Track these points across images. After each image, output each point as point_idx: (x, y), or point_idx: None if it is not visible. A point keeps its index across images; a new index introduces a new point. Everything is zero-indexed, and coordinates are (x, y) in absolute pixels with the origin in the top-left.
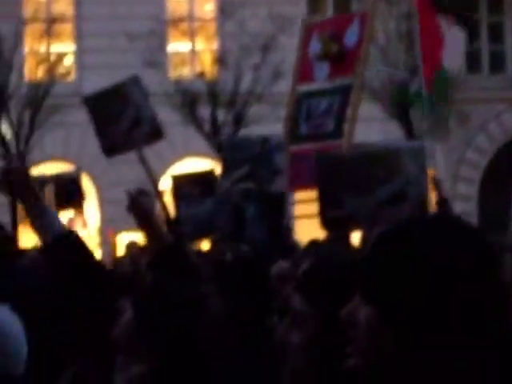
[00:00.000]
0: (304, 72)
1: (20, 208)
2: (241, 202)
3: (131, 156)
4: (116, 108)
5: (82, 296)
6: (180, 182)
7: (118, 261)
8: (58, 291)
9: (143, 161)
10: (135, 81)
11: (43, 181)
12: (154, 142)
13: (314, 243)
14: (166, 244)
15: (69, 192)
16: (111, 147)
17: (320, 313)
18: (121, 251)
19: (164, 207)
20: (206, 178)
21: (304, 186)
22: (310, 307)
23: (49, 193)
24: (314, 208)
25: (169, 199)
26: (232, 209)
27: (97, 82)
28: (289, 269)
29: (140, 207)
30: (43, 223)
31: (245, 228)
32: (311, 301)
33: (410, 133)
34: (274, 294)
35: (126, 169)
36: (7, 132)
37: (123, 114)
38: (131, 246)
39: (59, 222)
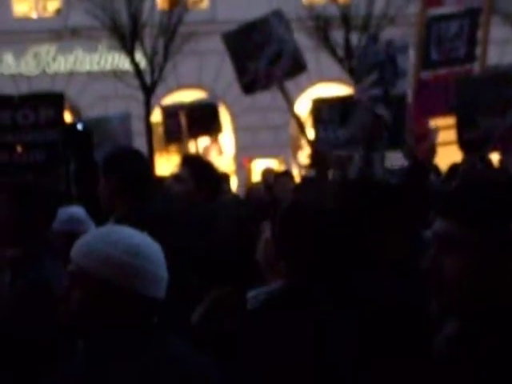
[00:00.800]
0: None
1: (156, 136)
2: (372, 108)
3: None
4: (257, 43)
5: (224, 224)
6: (320, 106)
7: (253, 187)
8: (201, 219)
9: (282, 88)
10: (278, 14)
11: (179, 108)
12: (295, 75)
13: (455, 167)
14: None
15: (206, 120)
16: (251, 84)
17: (480, 236)
18: (256, 177)
19: (303, 130)
20: (345, 103)
21: (441, 113)
22: (464, 232)
23: (184, 120)
24: (451, 135)
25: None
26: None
27: (229, 9)
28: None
29: None
30: None
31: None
32: (465, 224)
33: None
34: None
35: (260, 95)
36: (141, 61)
37: (265, 48)
38: (266, 173)
39: None
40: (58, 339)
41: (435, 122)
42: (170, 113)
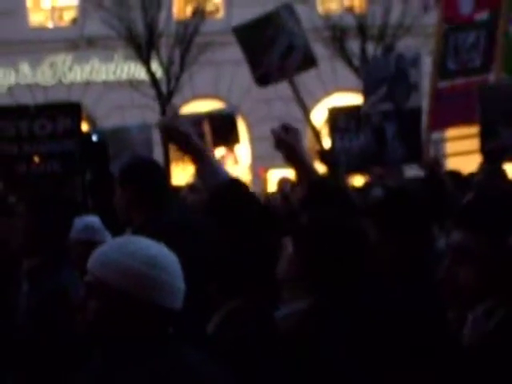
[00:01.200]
0: (449, 6)
1: (172, 147)
2: (381, 123)
3: (280, 92)
4: (268, 37)
5: (245, 237)
6: (336, 115)
7: (269, 197)
8: (219, 232)
9: (295, 90)
10: (288, 8)
11: (202, 118)
12: (306, 69)
13: (471, 177)
14: (317, 178)
15: (225, 130)
16: (263, 77)
17: (493, 247)
18: (272, 187)
19: (318, 137)
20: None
21: (457, 123)
22: (478, 243)
23: (208, 129)
24: (466, 145)
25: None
26: (373, 131)
27: (246, 19)
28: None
29: (286, 143)
30: (207, 171)
31: (387, 149)
32: (479, 235)
33: None
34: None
35: (276, 105)
36: (158, 70)
37: (276, 42)
38: (283, 182)
39: (223, 169)
40: (74, 348)
41: (454, 132)
42: (191, 122)
